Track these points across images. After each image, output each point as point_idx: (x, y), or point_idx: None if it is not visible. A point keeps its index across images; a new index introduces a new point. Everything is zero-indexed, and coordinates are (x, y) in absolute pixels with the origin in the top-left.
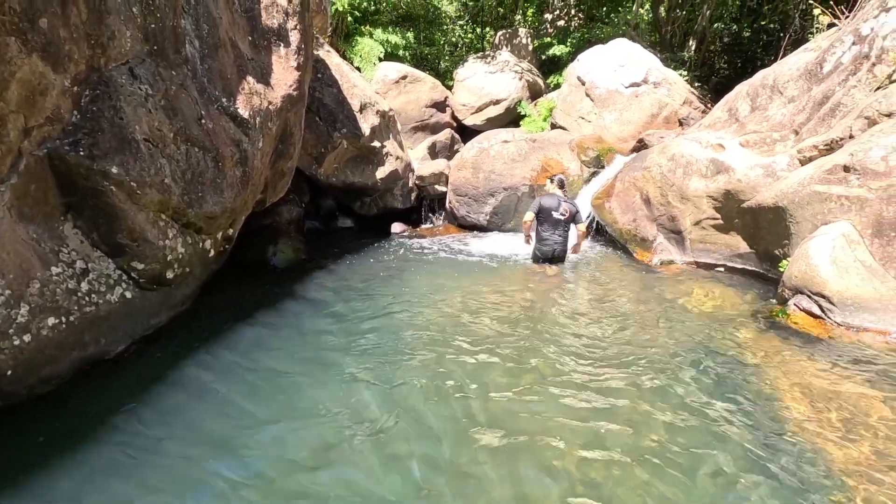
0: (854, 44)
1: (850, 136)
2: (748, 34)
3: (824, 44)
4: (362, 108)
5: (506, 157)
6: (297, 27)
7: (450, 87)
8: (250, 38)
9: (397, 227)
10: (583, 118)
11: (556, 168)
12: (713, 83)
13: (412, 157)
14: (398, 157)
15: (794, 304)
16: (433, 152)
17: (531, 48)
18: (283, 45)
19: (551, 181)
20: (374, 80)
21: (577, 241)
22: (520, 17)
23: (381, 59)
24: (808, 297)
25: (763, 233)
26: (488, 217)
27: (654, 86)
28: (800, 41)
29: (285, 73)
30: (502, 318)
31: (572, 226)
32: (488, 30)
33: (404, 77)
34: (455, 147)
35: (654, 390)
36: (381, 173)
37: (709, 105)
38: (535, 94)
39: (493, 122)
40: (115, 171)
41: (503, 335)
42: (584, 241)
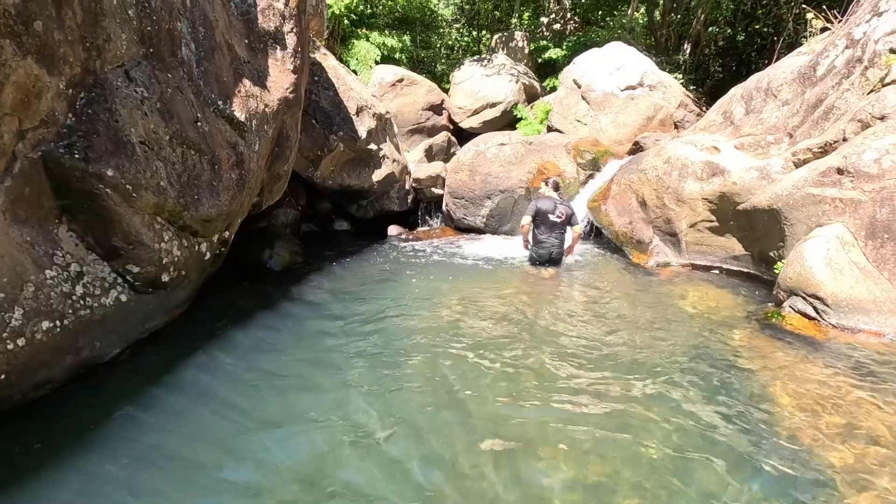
0: (847, 47)
1: (844, 139)
2: (742, 38)
3: (818, 47)
4: (359, 111)
5: (502, 160)
6: (294, 30)
7: (446, 90)
8: (247, 41)
9: (394, 230)
10: (579, 121)
11: (552, 171)
12: (708, 86)
13: (409, 159)
14: (395, 160)
15: (790, 306)
16: (430, 155)
17: (527, 51)
18: (279, 48)
19: (546, 184)
20: (371, 83)
21: (572, 242)
22: (516, 20)
23: (377, 63)
24: (804, 298)
25: (758, 235)
26: (485, 219)
27: (650, 89)
28: (793, 45)
29: (282, 76)
30: (500, 320)
31: (568, 228)
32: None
33: (401, 80)
34: (452, 150)
35: (650, 393)
36: (377, 176)
37: (704, 108)
38: (531, 97)
39: (490, 125)
40: (110, 173)
41: (500, 338)
42: (578, 244)
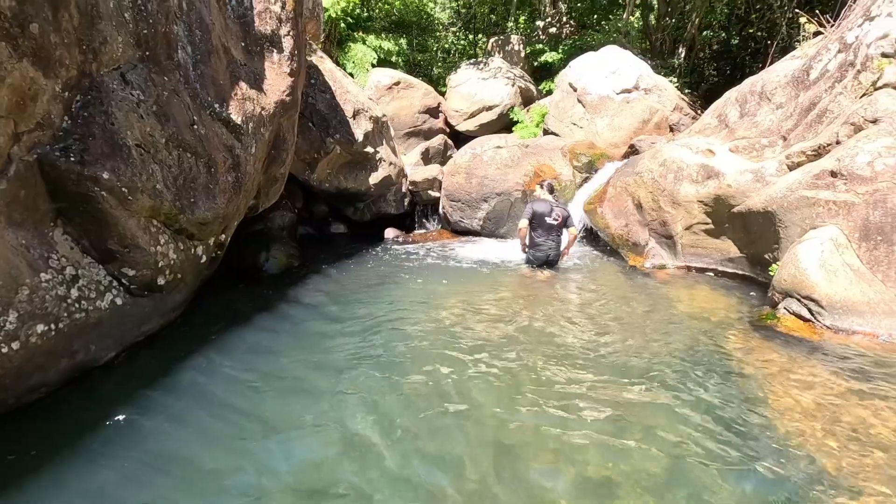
0: (839, 51)
1: (837, 142)
2: (736, 42)
3: (811, 51)
4: (355, 114)
5: (499, 163)
6: (291, 33)
7: (443, 94)
8: (243, 44)
9: (391, 233)
10: (575, 124)
11: (548, 173)
12: (703, 90)
13: (405, 162)
14: (391, 163)
15: (785, 308)
16: (426, 158)
17: (523, 55)
18: (276, 51)
19: (541, 187)
20: (368, 86)
21: (567, 244)
22: (512, 24)
23: (374, 65)
24: (798, 300)
25: (753, 237)
26: (482, 222)
27: (645, 92)
28: (787, 49)
29: (278, 78)
30: (497, 323)
31: (564, 230)
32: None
33: (397, 83)
34: (448, 153)
35: (646, 395)
36: (374, 179)
37: (699, 111)
38: (527, 100)
39: (486, 128)
40: (106, 176)
41: (498, 340)
42: (574, 246)
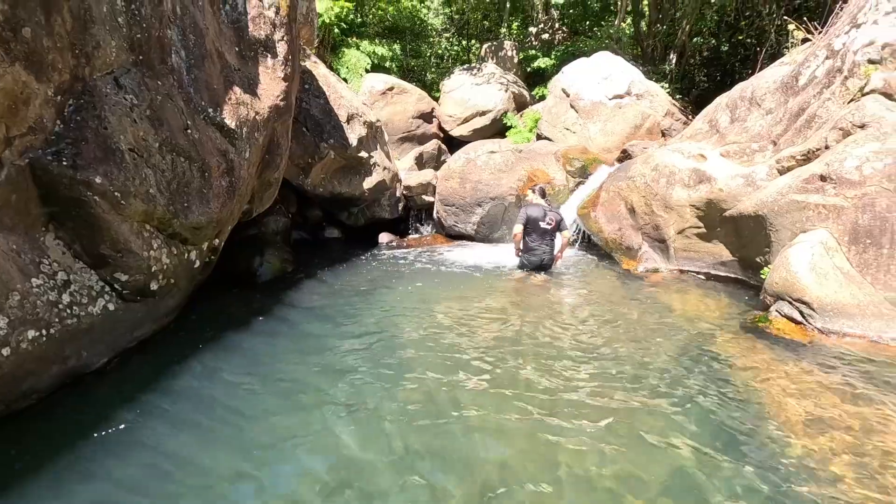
0: (827, 58)
1: (826, 147)
2: (726, 48)
3: (799, 58)
4: (349, 119)
5: (493, 168)
6: (285, 38)
7: (436, 99)
8: (237, 49)
9: (385, 238)
10: (568, 129)
11: (542, 178)
12: (693, 95)
13: (399, 167)
14: (385, 168)
15: (776, 311)
16: (420, 163)
17: (516, 60)
18: (270, 55)
19: (533, 191)
20: (361, 92)
21: (561, 248)
22: (505, 30)
23: (367, 71)
24: (790, 303)
25: (744, 241)
26: (476, 227)
27: (637, 98)
28: (776, 55)
29: (272, 83)
30: (490, 328)
31: (557, 234)
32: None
33: (391, 88)
34: (442, 157)
35: (639, 398)
36: (368, 183)
37: (690, 117)
38: (520, 105)
39: (480, 133)
40: (98, 181)
41: (491, 346)
42: (567, 249)
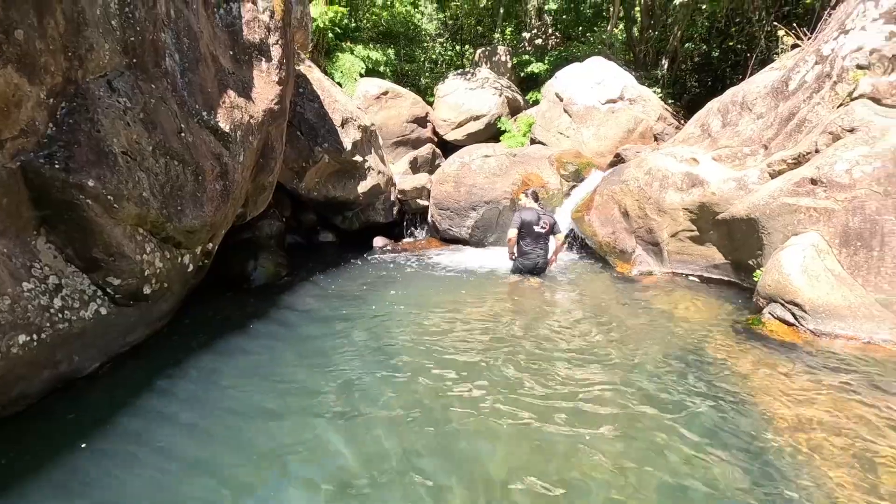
0: (817, 63)
1: (816, 151)
2: (717, 54)
3: (789, 63)
4: (344, 123)
5: (487, 172)
6: (279, 42)
7: (430, 103)
8: (231, 53)
9: (379, 242)
10: (561, 133)
11: (536, 182)
12: (685, 100)
13: (394, 171)
14: (380, 172)
15: (769, 313)
16: (414, 167)
17: (510, 65)
18: (264, 59)
19: (526, 195)
20: (356, 96)
21: (555, 250)
22: (498, 35)
23: (361, 75)
24: (782, 305)
25: (737, 244)
26: (470, 230)
27: (630, 102)
28: (766, 61)
29: (267, 87)
30: (485, 332)
31: (551, 237)
32: (468, 47)
33: (385, 93)
34: (436, 161)
35: (633, 400)
36: (362, 187)
37: (682, 121)
38: (514, 110)
39: (474, 138)
40: (91, 184)
41: (486, 350)
42: (561, 252)
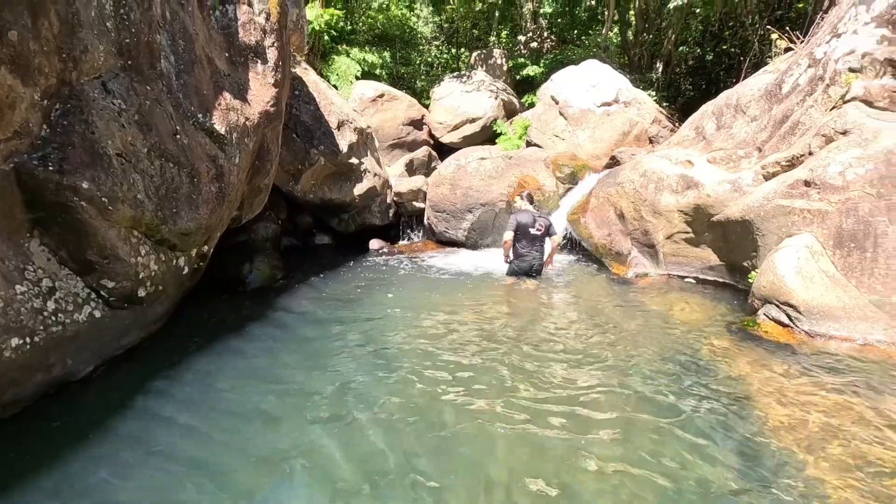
0: (809, 66)
1: (810, 153)
2: (711, 58)
3: (782, 66)
4: (340, 126)
5: (483, 174)
6: (275, 44)
7: (426, 106)
8: (227, 55)
9: (375, 244)
10: (557, 136)
11: (532, 184)
12: (680, 103)
13: (390, 173)
14: (376, 174)
15: (764, 314)
16: (410, 169)
17: (506, 68)
18: (260, 62)
19: (521, 198)
20: (352, 98)
21: (550, 252)
22: (494, 38)
23: (357, 78)
24: (777, 306)
25: (732, 245)
26: (466, 233)
27: (625, 105)
28: (759, 64)
29: (262, 89)
30: (481, 334)
31: (547, 239)
32: (463, 50)
33: (381, 95)
34: (432, 164)
35: (629, 402)
36: (358, 190)
37: (676, 124)
38: (510, 112)
39: (470, 140)
40: (85, 186)
41: (481, 353)
42: (557, 253)
